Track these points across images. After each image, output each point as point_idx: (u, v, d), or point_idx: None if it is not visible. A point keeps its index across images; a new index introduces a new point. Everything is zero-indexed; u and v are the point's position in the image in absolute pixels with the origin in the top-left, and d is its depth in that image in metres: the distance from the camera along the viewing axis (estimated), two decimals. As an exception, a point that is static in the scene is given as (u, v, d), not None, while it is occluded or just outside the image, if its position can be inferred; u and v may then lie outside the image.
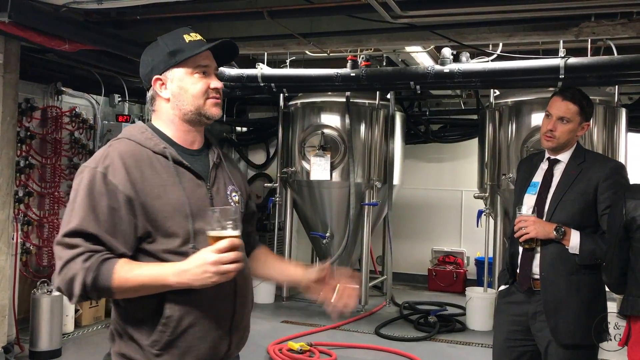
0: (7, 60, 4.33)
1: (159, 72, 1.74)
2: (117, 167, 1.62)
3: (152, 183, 1.64)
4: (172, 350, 1.64)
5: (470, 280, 7.75)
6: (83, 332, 5.44)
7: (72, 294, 1.56)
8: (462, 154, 7.95)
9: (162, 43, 1.76)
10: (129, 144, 1.69)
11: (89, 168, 1.63)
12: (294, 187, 6.79)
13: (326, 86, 5.87)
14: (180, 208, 1.65)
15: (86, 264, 1.54)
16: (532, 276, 2.64)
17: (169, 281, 1.56)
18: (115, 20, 4.72)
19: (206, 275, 1.54)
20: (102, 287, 1.55)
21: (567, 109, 2.66)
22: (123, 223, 1.60)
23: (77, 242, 1.56)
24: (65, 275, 1.55)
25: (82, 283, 1.53)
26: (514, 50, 5.31)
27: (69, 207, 1.62)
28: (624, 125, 5.72)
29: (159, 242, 1.64)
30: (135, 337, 1.65)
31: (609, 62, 4.82)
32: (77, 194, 1.61)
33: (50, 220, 5.62)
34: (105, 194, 1.59)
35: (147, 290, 1.59)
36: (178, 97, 1.74)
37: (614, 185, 2.57)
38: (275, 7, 4.29)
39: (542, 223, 2.60)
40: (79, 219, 1.57)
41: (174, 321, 1.62)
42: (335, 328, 5.78)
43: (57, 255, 1.58)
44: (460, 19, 4.30)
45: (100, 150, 1.69)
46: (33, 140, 5.45)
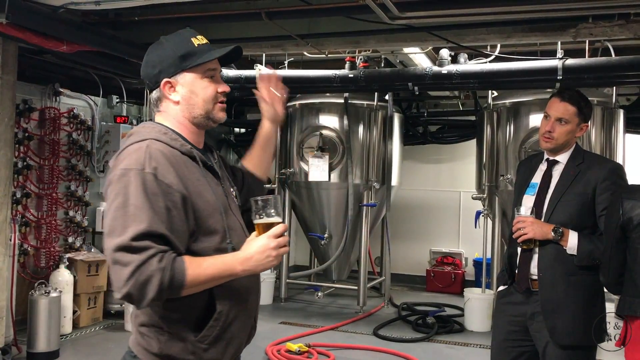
0: (5, 61, 4.33)
1: (168, 75, 1.74)
2: (165, 167, 1.61)
3: (192, 182, 1.67)
4: (219, 343, 1.68)
5: (469, 281, 7.76)
6: (81, 333, 5.43)
7: (144, 298, 1.52)
8: (460, 155, 7.96)
9: (170, 45, 1.76)
10: (161, 144, 1.66)
11: (136, 170, 1.57)
12: (292, 188, 6.79)
13: (324, 87, 5.87)
14: (215, 206, 1.70)
15: (161, 264, 1.52)
16: (531, 277, 2.65)
17: (236, 270, 1.63)
18: (113, 21, 4.72)
19: (269, 259, 1.63)
20: (177, 285, 1.55)
21: (566, 110, 2.67)
22: (179, 222, 1.60)
23: (147, 244, 1.52)
24: (137, 279, 1.50)
25: (159, 284, 1.51)
26: (512, 52, 5.31)
27: (117, 212, 1.55)
28: (621, 126, 5.72)
29: (200, 240, 1.67)
30: (181, 334, 1.65)
31: (607, 63, 4.82)
32: (128, 197, 1.55)
33: (48, 221, 5.61)
34: (160, 195, 1.57)
35: (214, 282, 1.63)
36: (189, 100, 1.75)
37: (612, 187, 2.57)
38: (273, 8, 4.29)
39: (540, 224, 2.60)
40: (147, 220, 1.53)
41: (224, 315, 1.67)
42: (333, 329, 5.78)
43: (122, 261, 1.51)
44: (458, 20, 4.30)
45: (135, 152, 1.62)
46: (31, 142, 5.45)
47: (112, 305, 5.93)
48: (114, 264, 1.53)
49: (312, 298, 6.92)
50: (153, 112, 1.83)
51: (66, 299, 5.23)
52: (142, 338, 1.68)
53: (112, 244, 1.53)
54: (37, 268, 5.53)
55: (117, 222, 1.55)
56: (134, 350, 1.70)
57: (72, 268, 5.49)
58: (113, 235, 1.54)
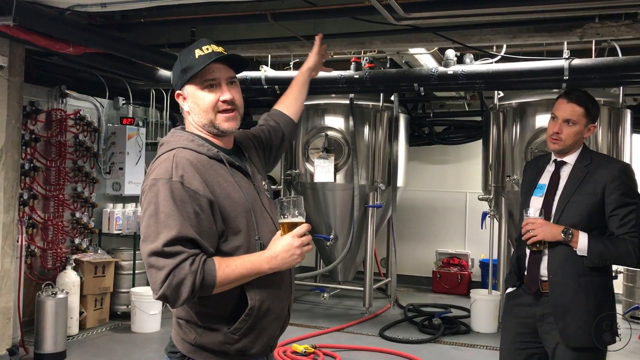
0: (12, 64, 4.35)
1: (178, 88, 1.88)
2: (191, 174, 1.70)
3: (220, 185, 1.76)
4: (251, 334, 1.78)
5: (475, 282, 7.73)
6: (87, 334, 5.45)
7: (178, 298, 1.64)
8: (466, 155, 7.94)
9: (179, 59, 1.87)
10: (188, 152, 1.76)
11: (164, 180, 1.68)
12: (298, 189, 6.79)
13: (330, 88, 5.87)
14: (244, 205, 1.79)
15: (193, 267, 1.63)
16: (540, 278, 2.63)
17: (263, 268, 1.73)
18: (119, 23, 4.74)
19: (293, 257, 1.74)
20: (209, 285, 1.66)
21: (573, 111, 2.65)
22: (207, 225, 1.70)
23: (179, 249, 1.63)
24: (171, 282, 1.62)
25: (191, 286, 1.63)
26: (518, 52, 5.29)
27: (150, 219, 1.66)
28: (628, 126, 5.69)
29: (229, 239, 1.76)
30: (215, 327, 1.76)
31: (614, 63, 4.80)
32: (158, 206, 1.66)
33: (55, 223, 5.63)
34: (188, 201, 1.67)
35: (243, 281, 1.73)
36: (194, 110, 1.86)
37: (622, 187, 2.56)
38: (278, 10, 4.30)
39: (549, 225, 2.58)
40: (177, 226, 1.63)
41: (256, 310, 1.77)
42: (339, 330, 5.77)
43: (157, 266, 1.63)
44: (464, 20, 4.29)
45: (164, 162, 1.73)
46: (38, 143, 5.47)
47: (118, 306, 5.95)
48: (149, 268, 1.66)
49: (318, 299, 6.91)
50: None
51: (73, 300, 5.25)
52: (181, 329, 1.82)
53: (146, 249, 1.66)
54: (44, 269, 5.55)
55: (150, 230, 1.66)
56: (173, 340, 1.85)
57: (79, 269, 5.50)
58: (147, 241, 1.66)
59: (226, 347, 1.76)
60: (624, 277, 6.42)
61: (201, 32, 5.07)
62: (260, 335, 1.80)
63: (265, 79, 5.82)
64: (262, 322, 1.79)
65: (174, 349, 1.83)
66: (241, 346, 1.77)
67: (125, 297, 5.88)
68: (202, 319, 1.77)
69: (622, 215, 2.52)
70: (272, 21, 4.35)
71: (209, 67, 1.80)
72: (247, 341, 1.78)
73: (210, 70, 1.81)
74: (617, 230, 2.53)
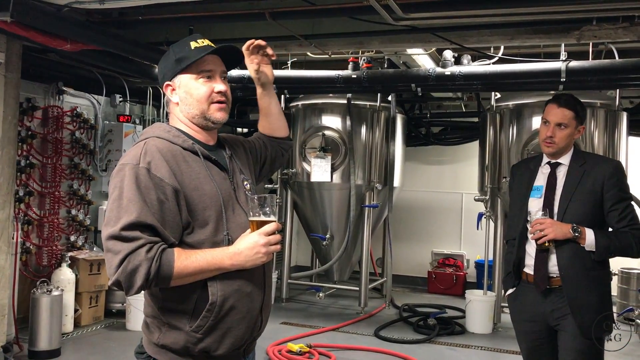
0: (9, 60, 4.34)
1: (168, 79, 1.86)
2: (158, 162, 1.69)
3: (190, 176, 1.74)
4: (214, 333, 1.73)
5: (470, 283, 7.75)
6: (82, 332, 5.44)
7: (132, 286, 1.60)
8: (462, 156, 7.95)
9: (171, 51, 1.87)
10: (161, 141, 1.76)
11: (131, 165, 1.67)
12: (295, 189, 6.79)
13: (327, 88, 5.87)
14: (215, 198, 1.76)
15: (149, 254, 1.60)
16: (550, 275, 2.72)
17: (225, 264, 1.69)
18: (117, 20, 4.72)
19: (258, 255, 1.71)
20: (165, 275, 1.62)
21: (564, 115, 2.76)
22: (171, 214, 1.67)
23: (137, 235, 1.60)
24: (125, 267, 1.58)
25: (146, 273, 1.59)
26: (516, 53, 5.31)
27: (113, 204, 1.65)
28: (624, 128, 5.72)
29: (196, 232, 1.73)
30: (177, 324, 1.72)
31: (610, 66, 4.82)
32: (122, 191, 1.65)
33: (51, 219, 5.62)
34: (152, 188, 1.65)
35: (203, 275, 1.68)
36: (185, 101, 1.84)
37: (618, 183, 2.71)
38: (277, 9, 4.29)
39: (559, 224, 2.67)
40: (136, 211, 1.61)
41: (218, 306, 1.71)
42: (334, 330, 5.77)
43: (113, 250, 1.60)
44: (462, 21, 4.30)
45: (134, 149, 1.73)
46: (34, 140, 5.46)
47: (113, 304, 5.93)
48: (106, 252, 1.63)
49: (313, 298, 6.92)
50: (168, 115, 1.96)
51: (68, 298, 5.24)
52: (147, 329, 1.78)
53: (105, 233, 1.63)
54: (39, 266, 5.53)
55: (112, 214, 1.64)
56: (142, 340, 1.81)
57: (74, 267, 5.49)
58: (108, 225, 1.64)
59: (190, 346, 1.71)
60: (618, 279, 6.44)
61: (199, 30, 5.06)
62: (225, 335, 1.74)
63: (262, 78, 5.80)
64: (225, 321, 1.73)
65: (141, 350, 1.80)
66: (205, 346, 1.72)
67: (120, 295, 5.87)
68: (165, 315, 1.72)
69: (620, 209, 2.67)
70: (271, 20, 4.35)
71: (205, 58, 1.82)
72: (211, 341, 1.72)
73: (206, 62, 1.82)
74: (617, 224, 2.68)
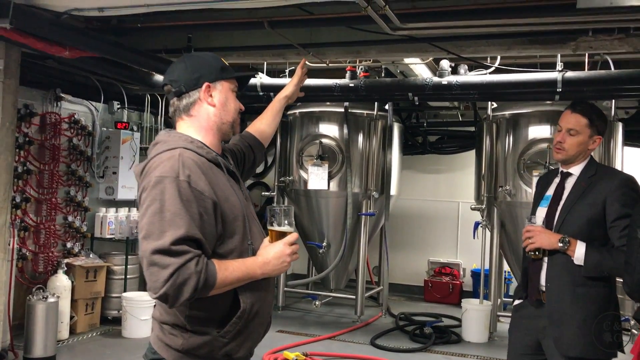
0: (7, 66, 4.34)
1: (210, 80, 1.89)
2: (197, 175, 1.72)
3: (220, 188, 1.79)
4: (239, 337, 1.81)
5: (466, 291, 7.74)
6: (78, 339, 5.42)
7: (179, 298, 1.64)
8: (459, 165, 7.98)
9: (209, 57, 1.94)
10: (191, 152, 1.78)
11: (171, 177, 1.68)
12: (292, 196, 6.80)
13: (325, 96, 5.89)
14: (239, 209, 1.83)
15: (198, 267, 1.64)
16: (540, 288, 2.65)
17: (257, 273, 1.78)
18: (116, 27, 4.74)
19: (284, 264, 1.82)
20: (209, 287, 1.68)
21: (576, 122, 2.67)
22: (209, 227, 1.73)
23: (185, 249, 1.64)
24: (175, 280, 1.61)
25: (194, 286, 1.63)
26: (512, 63, 5.34)
27: (154, 217, 1.65)
28: (620, 139, 5.74)
29: (225, 242, 1.79)
30: (204, 330, 1.77)
31: (606, 77, 4.85)
32: (163, 204, 1.66)
33: (47, 226, 5.61)
34: (194, 201, 1.68)
35: (237, 284, 1.77)
36: (224, 106, 1.92)
37: (622, 198, 2.54)
38: (275, 18, 4.32)
39: (547, 233, 2.61)
40: (184, 226, 1.64)
41: (247, 312, 1.80)
42: (330, 338, 5.77)
43: (160, 264, 1.62)
44: (459, 31, 4.33)
45: (168, 160, 1.73)
46: (31, 146, 5.46)
47: (109, 311, 5.92)
48: (151, 265, 1.63)
49: (309, 307, 6.91)
50: (175, 118, 1.93)
51: (64, 305, 5.23)
52: (165, 335, 1.79)
53: (149, 247, 1.63)
54: (35, 273, 5.52)
55: (154, 227, 1.65)
56: (154, 346, 1.82)
57: (70, 273, 5.48)
58: (150, 238, 1.64)
59: (214, 350, 1.77)
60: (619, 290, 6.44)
61: (198, 38, 5.09)
62: (247, 338, 1.83)
63: (260, 86, 5.83)
64: (250, 326, 1.82)
65: (156, 356, 1.80)
66: (228, 349, 1.79)
67: (116, 302, 5.86)
68: (191, 323, 1.76)
69: (622, 226, 2.50)
70: (269, 29, 4.37)
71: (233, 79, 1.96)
72: (235, 344, 1.80)
73: (235, 82, 1.97)
74: (618, 242, 2.51)
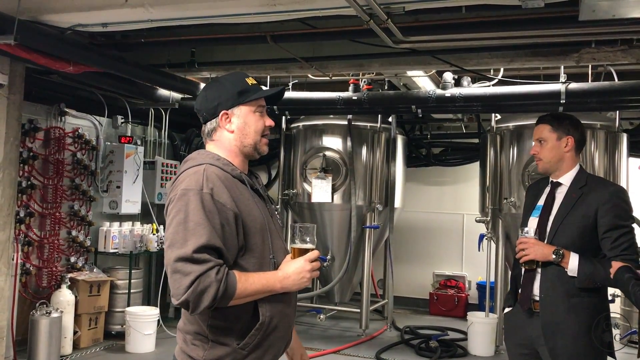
0: (12, 82, 4.37)
1: (226, 108, 1.95)
2: (219, 188, 1.80)
3: (243, 202, 1.85)
4: (258, 350, 1.84)
5: (472, 304, 7.70)
6: (81, 354, 5.39)
7: (199, 306, 1.69)
8: (463, 177, 7.95)
9: (228, 83, 1.98)
10: (215, 168, 1.86)
11: (195, 190, 1.76)
12: (295, 209, 6.79)
13: (328, 109, 5.90)
14: (262, 224, 1.89)
15: (218, 276, 1.70)
16: (533, 297, 2.68)
17: (276, 287, 1.83)
18: (120, 42, 4.77)
19: (303, 280, 1.87)
20: (228, 296, 1.73)
21: (541, 131, 2.80)
22: (231, 237, 1.79)
23: (207, 257, 1.70)
24: (196, 288, 1.67)
25: (214, 294, 1.68)
26: (515, 75, 5.34)
27: (178, 227, 1.73)
28: (625, 150, 5.72)
29: (247, 255, 1.85)
30: (224, 341, 1.81)
31: (610, 88, 4.85)
32: (187, 214, 1.73)
33: (51, 240, 5.60)
34: (216, 212, 1.75)
35: (256, 296, 1.81)
36: (242, 130, 1.96)
37: (614, 209, 2.59)
38: (278, 32, 4.34)
39: (541, 245, 2.63)
40: (206, 234, 1.71)
41: (266, 325, 1.83)
42: (335, 352, 5.72)
43: (183, 271, 1.68)
44: (462, 44, 4.34)
45: (194, 175, 1.81)
46: (35, 161, 5.47)
47: (113, 326, 5.89)
48: (174, 272, 1.70)
49: (314, 320, 6.87)
50: (205, 140, 2.03)
51: (67, 319, 5.21)
52: (188, 346, 1.84)
53: (173, 255, 1.71)
54: (39, 288, 5.50)
55: (177, 236, 1.72)
56: (178, 358, 1.87)
57: (74, 288, 5.47)
58: (174, 247, 1.72)
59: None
60: (621, 300, 6.39)
61: (201, 52, 5.12)
62: (266, 352, 1.86)
63: (264, 100, 5.84)
64: (269, 339, 1.85)
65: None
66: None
67: (120, 316, 5.83)
68: (213, 332, 1.80)
69: (614, 237, 2.55)
70: (272, 43, 4.39)
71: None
72: (254, 357, 1.83)
73: (261, 99, 2.00)
74: (609, 253, 2.56)
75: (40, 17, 3.89)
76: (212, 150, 1.98)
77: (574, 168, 2.77)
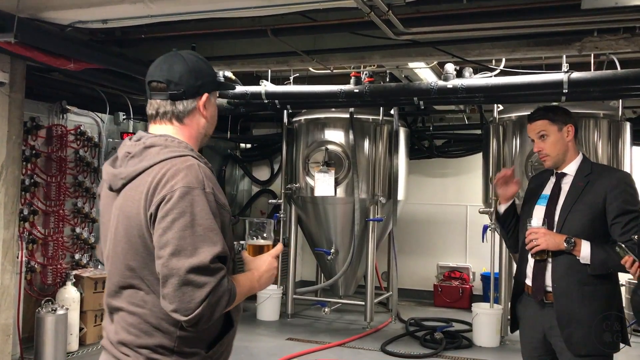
0: (13, 80, 4.36)
1: (209, 90, 1.75)
2: (216, 187, 1.63)
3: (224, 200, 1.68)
4: (221, 356, 1.71)
5: (476, 295, 7.70)
6: (87, 350, 5.41)
7: (212, 317, 1.52)
8: (466, 169, 7.94)
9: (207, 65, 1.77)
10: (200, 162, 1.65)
11: (199, 189, 1.54)
12: (298, 203, 6.79)
13: (330, 102, 5.89)
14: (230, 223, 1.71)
15: (229, 285, 1.55)
16: (545, 288, 2.67)
17: (256, 288, 1.72)
18: (120, 39, 4.76)
19: (273, 277, 1.77)
20: (231, 304, 1.58)
21: (540, 126, 2.78)
22: (228, 240, 1.62)
23: (220, 266, 1.53)
24: (211, 300, 1.48)
25: (225, 304, 1.54)
26: (517, 65, 5.32)
27: (185, 231, 1.50)
28: (628, 138, 5.70)
29: None
30: (192, 351, 1.62)
31: (612, 77, 4.82)
32: (194, 217, 1.51)
33: (55, 238, 5.62)
34: (218, 215, 1.59)
35: (240, 300, 1.65)
36: (212, 118, 1.80)
37: (622, 195, 2.59)
38: (278, 25, 4.32)
39: (552, 234, 2.62)
40: (220, 242, 1.53)
41: (234, 330, 1.72)
42: (340, 345, 5.73)
43: (196, 283, 1.47)
44: (463, 35, 4.31)
45: (191, 170, 1.57)
46: (38, 159, 5.47)
47: (118, 322, 5.90)
48: (184, 285, 1.47)
49: (319, 314, 6.88)
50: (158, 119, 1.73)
51: (73, 316, 5.22)
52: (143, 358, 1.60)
53: (184, 264, 1.47)
54: (44, 285, 5.52)
55: (185, 242, 1.49)
56: None
57: (79, 285, 5.48)
58: (181, 255, 1.48)
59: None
60: (625, 289, 6.39)
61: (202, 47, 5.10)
62: (223, 353, 1.73)
63: (265, 94, 5.84)
64: (231, 342, 1.75)
65: None
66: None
67: (125, 312, 5.84)
68: (183, 343, 1.60)
69: (624, 222, 2.55)
70: (272, 36, 4.37)
71: None
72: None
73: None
74: (620, 238, 2.54)
75: (40, 14, 3.88)
76: (174, 135, 1.70)
77: (577, 157, 2.77)
